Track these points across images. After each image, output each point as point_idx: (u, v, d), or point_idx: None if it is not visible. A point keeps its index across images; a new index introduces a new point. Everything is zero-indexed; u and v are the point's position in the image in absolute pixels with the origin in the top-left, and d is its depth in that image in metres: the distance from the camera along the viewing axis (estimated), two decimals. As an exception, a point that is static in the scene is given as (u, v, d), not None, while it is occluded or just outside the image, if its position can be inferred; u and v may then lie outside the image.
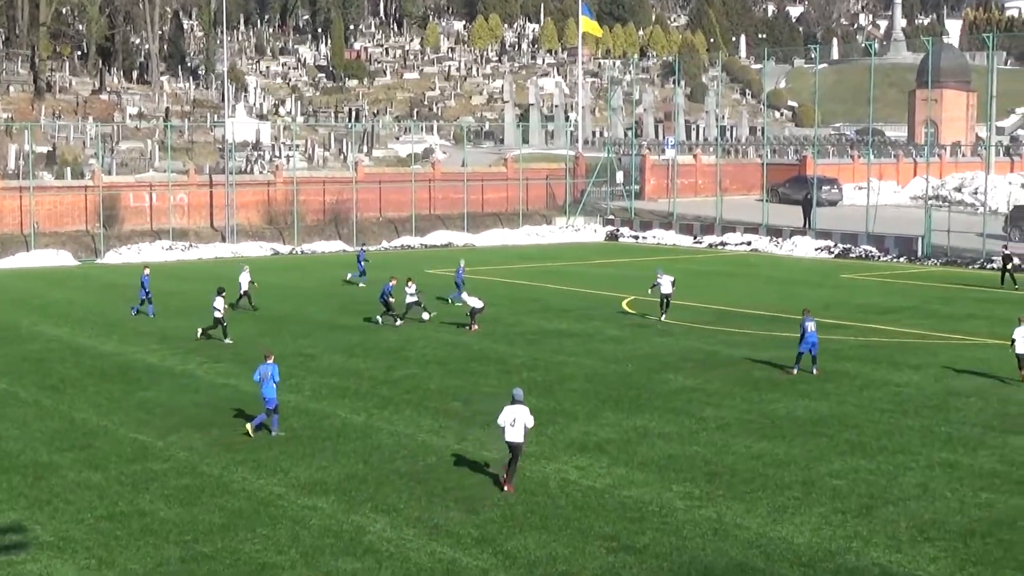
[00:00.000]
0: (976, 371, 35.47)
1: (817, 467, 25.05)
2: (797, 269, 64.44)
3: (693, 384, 33.61)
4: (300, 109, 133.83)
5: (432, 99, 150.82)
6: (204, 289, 53.80)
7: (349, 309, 48.16)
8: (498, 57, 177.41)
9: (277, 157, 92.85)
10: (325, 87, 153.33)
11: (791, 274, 61.79)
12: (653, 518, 21.83)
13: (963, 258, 66.63)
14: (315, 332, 42.44)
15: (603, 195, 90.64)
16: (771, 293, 53.80)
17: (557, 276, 59.77)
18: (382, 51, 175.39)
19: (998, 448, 26.59)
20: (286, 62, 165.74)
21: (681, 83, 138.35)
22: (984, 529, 21.22)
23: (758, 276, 60.60)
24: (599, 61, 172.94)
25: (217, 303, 40.84)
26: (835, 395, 32.19)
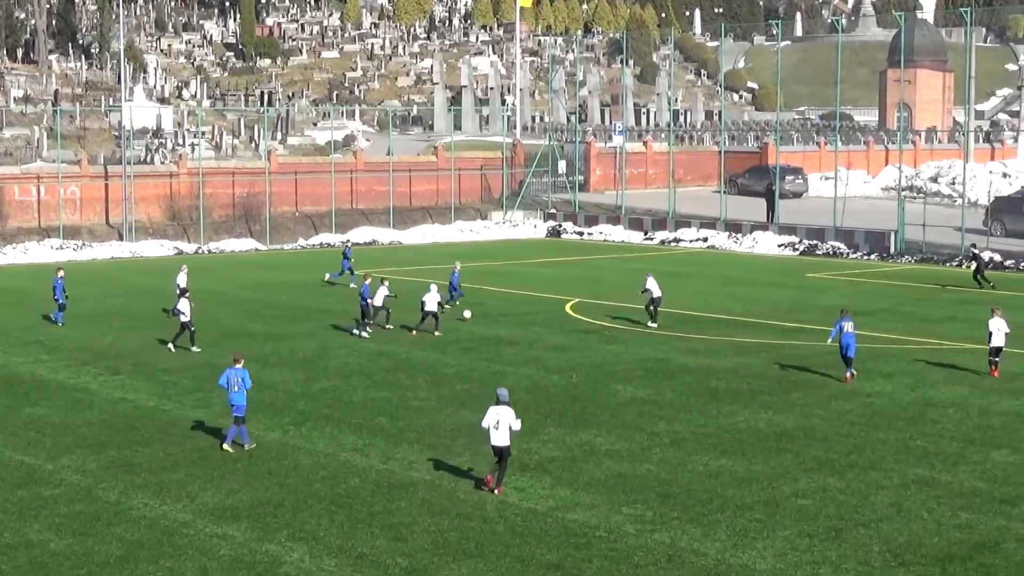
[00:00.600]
0: (955, 379, 35.81)
1: (781, 486, 25.21)
2: (758, 268, 64.82)
3: (644, 395, 33.72)
4: (206, 92, 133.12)
5: (353, 80, 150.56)
6: (98, 294, 53.48)
7: (261, 315, 48.00)
8: (427, 34, 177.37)
9: (180, 146, 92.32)
10: (234, 67, 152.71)
11: (752, 273, 62.14)
12: (601, 544, 21.88)
13: (940, 255, 67.25)
14: (224, 340, 42.23)
15: (544, 187, 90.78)
16: (730, 295, 54.07)
17: (493, 277, 59.81)
18: (297, 27, 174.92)
19: (979, 464, 26.86)
20: (190, 39, 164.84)
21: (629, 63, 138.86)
22: (964, 553, 21.42)
23: (715, 276, 60.90)
24: (539, 38, 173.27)
25: (182, 306, 40.75)
26: (801, 407, 32.40)
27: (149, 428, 30.04)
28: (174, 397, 33.69)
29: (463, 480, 25.51)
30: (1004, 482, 25.51)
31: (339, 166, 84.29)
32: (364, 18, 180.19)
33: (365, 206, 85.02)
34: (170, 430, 29.92)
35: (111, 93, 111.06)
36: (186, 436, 29.11)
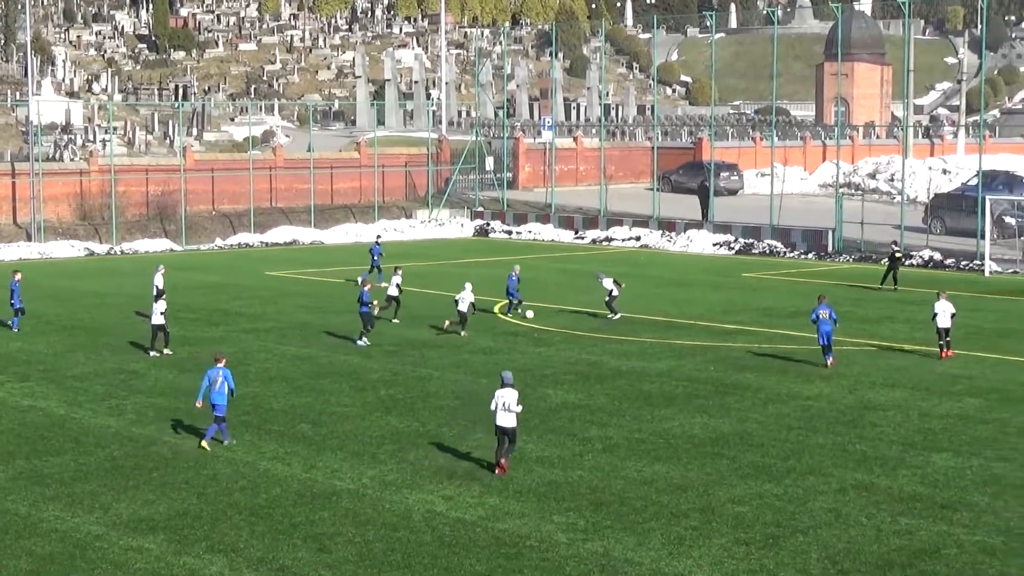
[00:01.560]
0: (894, 381, 36.14)
1: (717, 492, 25.35)
2: (693, 267, 65.11)
3: (576, 400, 33.81)
4: (118, 86, 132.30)
5: (272, 74, 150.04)
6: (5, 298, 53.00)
7: (177, 318, 47.68)
8: (348, 26, 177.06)
9: (91, 142, 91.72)
10: (147, 60, 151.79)
11: (686, 273, 62.42)
12: (532, 554, 21.93)
13: (879, 253, 67.68)
14: (139, 345, 41.98)
15: (471, 184, 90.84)
16: (663, 295, 54.30)
17: (419, 278, 59.72)
18: (213, 18, 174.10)
19: (919, 468, 27.12)
20: (100, 31, 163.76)
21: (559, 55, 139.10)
22: (904, 559, 21.62)
23: (649, 276, 61.10)
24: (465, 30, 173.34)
25: (158, 307, 40.54)
26: (737, 411, 32.59)
27: (60, 437, 29.83)
28: (85, 404, 33.45)
29: (388, 489, 25.50)
30: (945, 486, 25.77)
31: (258, 163, 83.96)
32: (283, 9, 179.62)
33: (285, 205, 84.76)
34: (82, 439, 29.71)
35: (17, 87, 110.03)
36: (98, 445, 28.93)
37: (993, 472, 26.78)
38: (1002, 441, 29.41)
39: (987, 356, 39.93)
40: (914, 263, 64.93)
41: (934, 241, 68.74)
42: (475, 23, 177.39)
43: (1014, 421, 31.40)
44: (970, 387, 35.44)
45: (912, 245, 67.25)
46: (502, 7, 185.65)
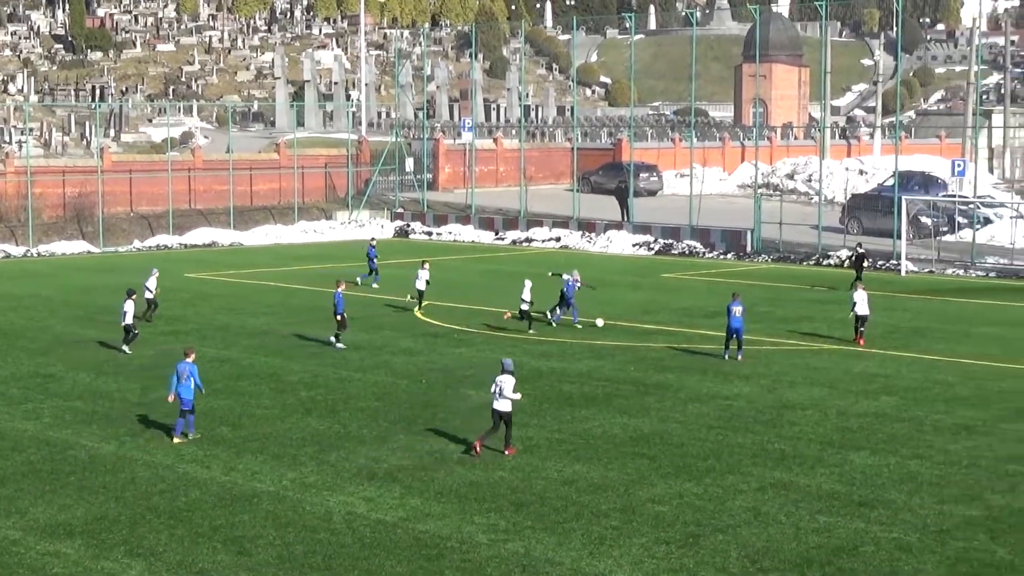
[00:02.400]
0: (812, 380, 36.41)
1: (638, 492, 25.44)
2: (612, 268, 65.27)
3: (497, 401, 33.82)
4: (33, 86, 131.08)
5: (191, 75, 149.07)
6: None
7: (95, 321, 47.36)
8: (267, 26, 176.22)
9: (7, 143, 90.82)
10: (63, 60, 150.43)
11: (606, 274, 62.52)
12: (453, 555, 21.93)
13: (797, 254, 68.28)
14: (56, 348, 41.65)
15: (391, 185, 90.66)
16: (583, 295, 54.38)
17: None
18: (130, 18, 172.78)
19: (837, 466, 27.33)
20: (16, 31, 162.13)
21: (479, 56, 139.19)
22: (823, 557, 21.78)
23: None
24: (385, 31, 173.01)
25: (127, 307, 40.19)
26: (657, 410, 32.72)
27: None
28: (1, 408, 33.11)
29: (309, 491, 25.42)
30: (862, 484, 25.99)
31: (176, 164, 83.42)
32: (201, 9, 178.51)
33: (204, 206, 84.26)
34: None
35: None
36: (15, 449, 28.65)
37: (909, 470, 27.04)
38: (918, 439, 29.70)
39: (903, 355, 40.31)
40: (831, 263, 65.47)
41: (851, 241, 69.24)
42: (395, 24, 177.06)
43: (929, 419, 31.72)
44: (887, 385, 35.77)
45: (829, 245, 67.83)
46: (421, 8, 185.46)
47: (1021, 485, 25.88)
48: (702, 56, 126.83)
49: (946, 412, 32.53)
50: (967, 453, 28.38)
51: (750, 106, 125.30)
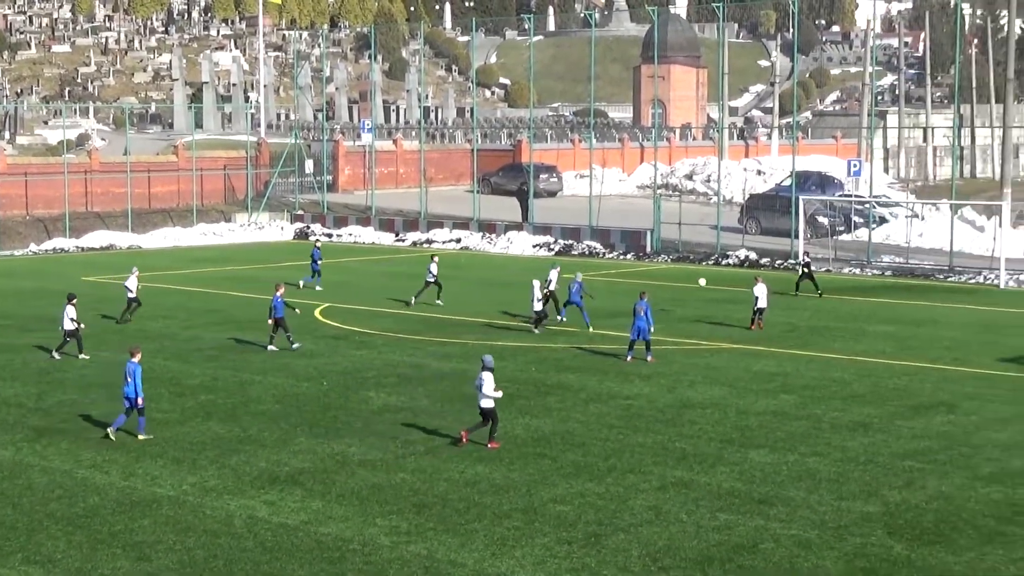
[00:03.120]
0: (712, 379, 36.65)
1: (540, 492, 25.49)
2: (513, 269, 65.34)
3: (398, 402, 33.78)
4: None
5: (87, 76, 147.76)
6: None
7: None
8: (164, 27, 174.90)
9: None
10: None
11: (507, 275, 62.62)
12: (355, 557, 21.87)
13: (696, 254, 68.70)
14: (-50, 353, 41.10)
15: (291, 187, 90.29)
16: (485, 297, 54.47)
17: (239, 282, 59.26)
18: (25, 19, 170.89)
19: (737, 464, 27.53)
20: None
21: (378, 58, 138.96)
22: (723, 555, 21.93)
23: (470, 278, 61.23)
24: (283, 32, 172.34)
25: (69, 312, 39.55)
26: (558, 411, 32.80)
27: None
28: None
29: (210, 495, 25.25)
30: (762, 482, 26.19)
31: (73, 167, 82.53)
32: (97, 10, 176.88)
33: (101, 209, 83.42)
34: None
35: None
36: (-90, 456, 28.28)
37: (808, 467, 27.29)
38: (816, 436, 29.98)
39: (801, 353, 40.68)
40: (730, 263, 65.96)
41: (749, 241, 69.86)
42: (293, 25, 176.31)
43: (827, 416, 32.03)
44: (785, 384, 36.09)
45: (728, 245, 68.33)
46: (320, 10, 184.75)
47: (917, 481, 26.21)
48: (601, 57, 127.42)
49: (843, 409, 32.87)
50: (864, 450, 28.69)
51: (649, 107, 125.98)
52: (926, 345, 42.45)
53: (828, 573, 21.09)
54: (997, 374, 37.69)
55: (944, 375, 37.38)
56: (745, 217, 75.33)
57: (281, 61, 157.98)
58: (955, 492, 25.49)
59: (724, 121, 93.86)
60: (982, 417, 32.11)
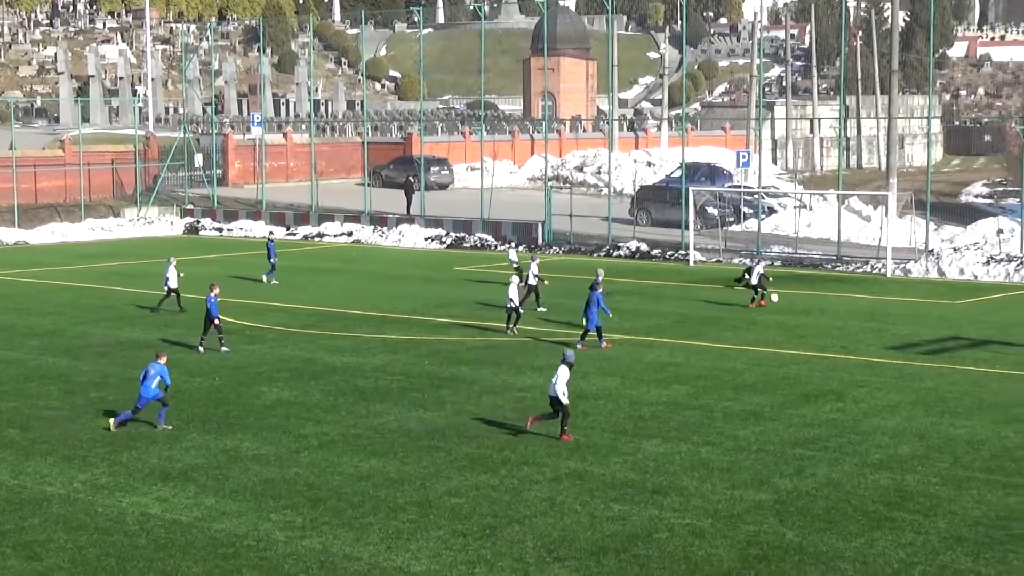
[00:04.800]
0: (605, 370, 36.80)
1: (434, 485, 25.49)
2: (405, 262, 65.29)
3: (290, 397, 33.64)
4: None
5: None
6: None
7: None
8: (49, 20, 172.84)
9: None
10: None
11: (399, 268, 62.56)
12: (249, 553, 21.75)
13: (587, 245, 68.92)
14: None
15: (180, 182, 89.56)
16: (377, 290, 54.36)
17: (129, 278, 58.72)
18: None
19: (630, 455, 27.68)
20: None
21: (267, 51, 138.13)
22: (618, 545, 22.04)
23: (362, 271, 61.11)
24: (171, 25, 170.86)
25: None
26: (452, 403, 32.80)
27: None
28: None
29: (101, 493, 25.00)
30: (655, 472, 26.35)
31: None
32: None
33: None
34: None
35: None
36: None
37: (700, 456, 27.50)
38: (708, 426, 30.22)
39: (693, 343, 40.97)
40: (621, 254, 66.26)
41: (640, 232, 70.20)
42: (181, 18, 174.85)
43: (719, 406, 32.29)
44: (677, 374, 36.34)
45: (619, 237, 68.62)
46: (208, 3, 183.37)
47: (808, 468, 26.49)
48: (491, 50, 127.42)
49: (735, 399, 33.16)
50: (756, 438, 28.96)
51: (539, 99, 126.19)
52: (815, 334, 42.91)
53: (721, 561, 21.28)
54: (884, 362, 38.19)
55: (833, 364, 37.82)
56: (636, 209, 75.67)
57: (169, 54, 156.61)
58: (845, 479, 25.80)
59: (614, 113, 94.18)
60: (870, 404, 32.54)
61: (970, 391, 34.16)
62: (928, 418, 31.07)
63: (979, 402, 32.79)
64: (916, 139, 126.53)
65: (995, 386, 34.82)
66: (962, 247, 62.22)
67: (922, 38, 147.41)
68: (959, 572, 20.76)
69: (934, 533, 22.58)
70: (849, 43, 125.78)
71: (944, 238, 66.23)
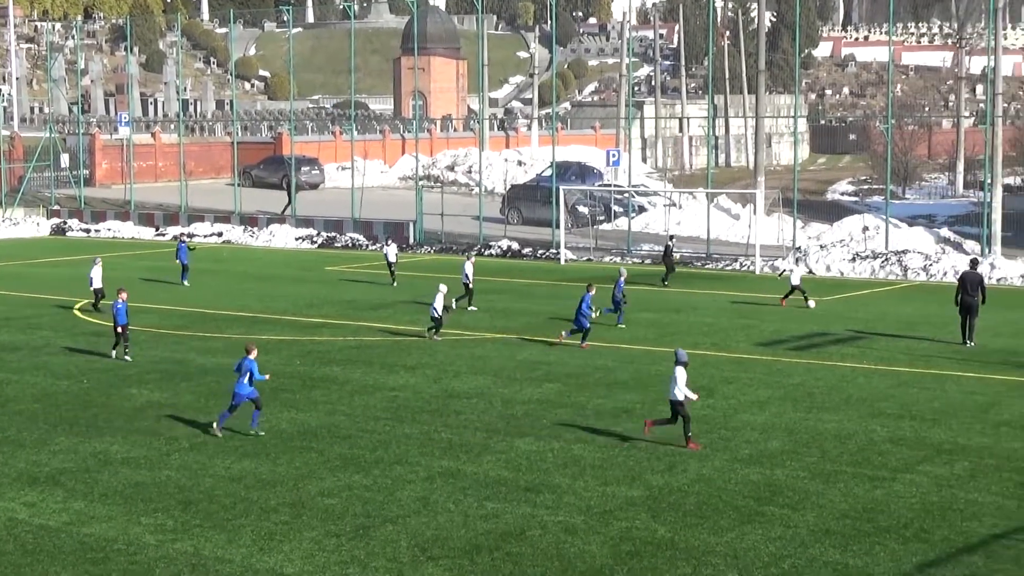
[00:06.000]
0: (477, 369, 36.84)
1: (307, 486, 25.37)
2: (276, 262, 64.95)
3: (161, 399, 33.31)
4: None
5: None
6: None
7: None
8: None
9: None
10: None
11: (270, 268, 62.22)
12: (119, 557, 21.51)
13: (459, 244, 68.93)
14: None
15: (46, 182, 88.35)
16: (248, 291, 54.00)
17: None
18: None
19: (503, 453, 27.72)
20: None
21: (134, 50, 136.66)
22: (491, 543, 22.07)
23: (232, 272, 60.69)
24: (35, 24, 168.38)
25: None
26: (324, 404, 32.67)
27: None
28: None
29: (-33, 498, 24.61)
30: (528, 470, 26.42)
31: None
32: None
33: None
34: None
35: None
36: None
37: (573, 454, 27.61)
38: (580, 423, 30.33)
39: (565, 342, 41.08)
40: (493, 253, 66.35)
41: (512, 231, 70.38)
42: (46, 16, 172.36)
43: (591, 404, 32.44)
44: (550, 373, 36.45)
45: (491, 236, 68.73)
46: (74, 1, 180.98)
47: (679, 465, 26.69)
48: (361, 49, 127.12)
49: (607, 396, 33.33)
50: (627, 436, 29.11)
51: (410, 99, 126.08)
52: (686, 331, 43.26)
53: (594, 557, 21.38)
54: (753, 358, 38.60)
55: (703, 360, 38.11)
56: (507, 207, 75.88)
57: (34, 53, 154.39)
58: (715, 474, 26.04)
59: (484, 112, 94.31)
60: (740, 400, 32.87)
61: (837, 386, 34.63)
62: (796, 413, 31.46)
63: (846, 397, 33.26)
64: (783, 138, 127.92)
65: (861, 381, 35.34)
66: (828, 244, 63.09)
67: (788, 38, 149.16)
68: (827, 564, 21.04)
69: (803, 526, 22.87)
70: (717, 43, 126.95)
71: (811, 235, 67.07)
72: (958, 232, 69.87)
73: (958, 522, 23.11)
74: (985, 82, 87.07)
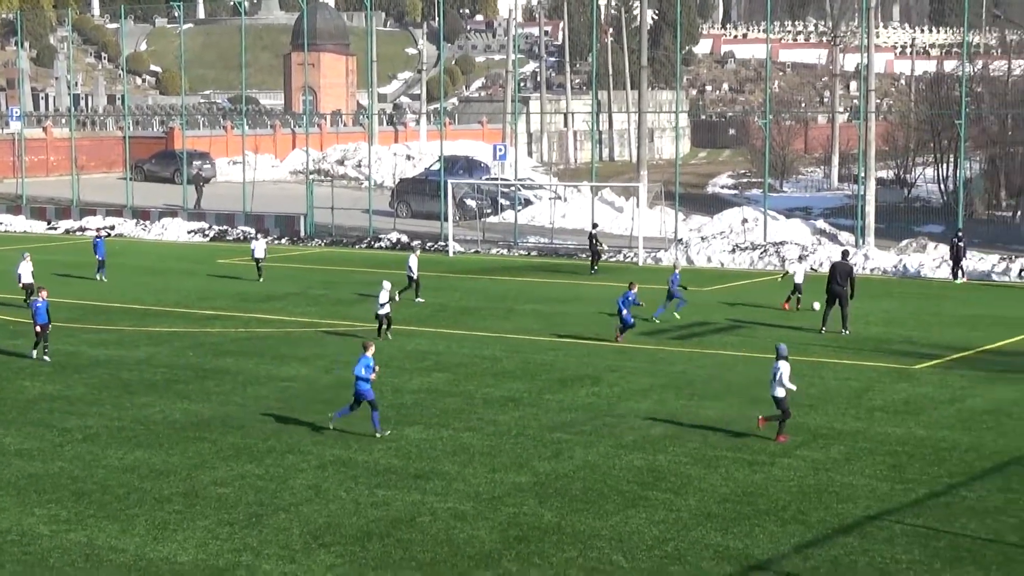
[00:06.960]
0: (367, 359, 36.80)
1: (200, 475, 25.24)
2: (168, 256, 64.43)
3: (53, 391, 32.97)
4: None
5: None
6: None
7: None
8: None
9: None
10: None
11: (162, 262, 61.72)
12: (13, 548, 21.29)
13: (349, 237, 68.77)
14: None
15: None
16: (139, 283, 53.54)
17: None
18: None
19: (394, 441, 27.73)
20: None
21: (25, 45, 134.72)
22: (382, 530, 22.09)
23: (124, 265, 60.00)
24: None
25: None
26: (217, 394, 32.50)
27: None
28: None
29: None
30: (417, 458, 26.47)
31: None
32: None
33: None
34: None
35: None
36: None
37: (462, 442, 27.69)
38: (469, 412, 30.43)
39: (453, 332, 41.18)
40: (383, 245, 66.24)
41: (401, 224, 70.31)
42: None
43: (479, 393, 32.54)
44: (438, 362, 36.50)
45: (380, 229, 68.63)
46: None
47: (565, 451, 26.85)
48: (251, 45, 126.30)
49: (495, 385, 33.44)
50: (515, 423, 29.26)
51: (300, 94, 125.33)
52: (572, 322, 43.45)
53: (483, 543, 21.47)
54: (636, 347, 38.86)
55: (588, 350, 38.36)
56: (396, 201, 75.90)
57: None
58: (601, 461, 26.22)
59: (373, 107, 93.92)
60: (624, 388, 33.10)
61: (718, 374, 34.99)
62: (679, 401, 31.74)
63: (727, 384, 33.60)
64: (665, 133, 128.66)
65: (741, 368, 35.72)
66: (709, 236, 63.60)
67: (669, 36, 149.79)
68: (709, 546, 21.28)
69: (685, 510, 23.10)
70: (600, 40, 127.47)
71: (692, 227, 67.57)
72: (833, 224, 70.78)
73: (834, 504, 23.46)
74: (859, 79, 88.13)
